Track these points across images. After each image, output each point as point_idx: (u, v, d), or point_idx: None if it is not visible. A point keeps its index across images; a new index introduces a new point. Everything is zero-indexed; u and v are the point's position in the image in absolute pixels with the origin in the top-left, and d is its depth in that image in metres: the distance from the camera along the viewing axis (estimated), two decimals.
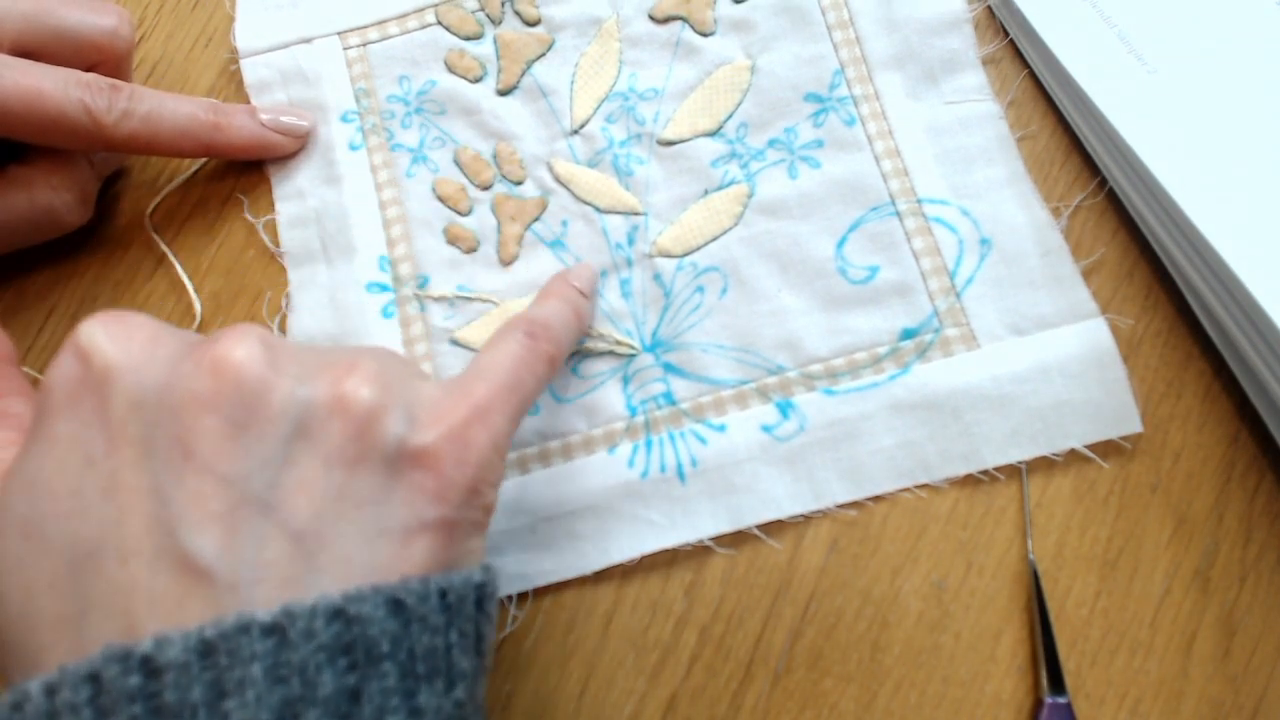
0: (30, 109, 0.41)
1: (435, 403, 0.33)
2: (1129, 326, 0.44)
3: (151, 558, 0.28)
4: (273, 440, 0.30)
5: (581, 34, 0.51)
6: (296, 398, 0.31)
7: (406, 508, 0.31)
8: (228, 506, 0.29)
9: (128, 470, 0.29)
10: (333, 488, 0.30)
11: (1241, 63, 0.45)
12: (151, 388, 0.30)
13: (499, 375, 0.36)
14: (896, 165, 0.47)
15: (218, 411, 0.29)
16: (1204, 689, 0.40)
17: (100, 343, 0.30)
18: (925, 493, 0.43)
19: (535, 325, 0.39)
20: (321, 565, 0.29)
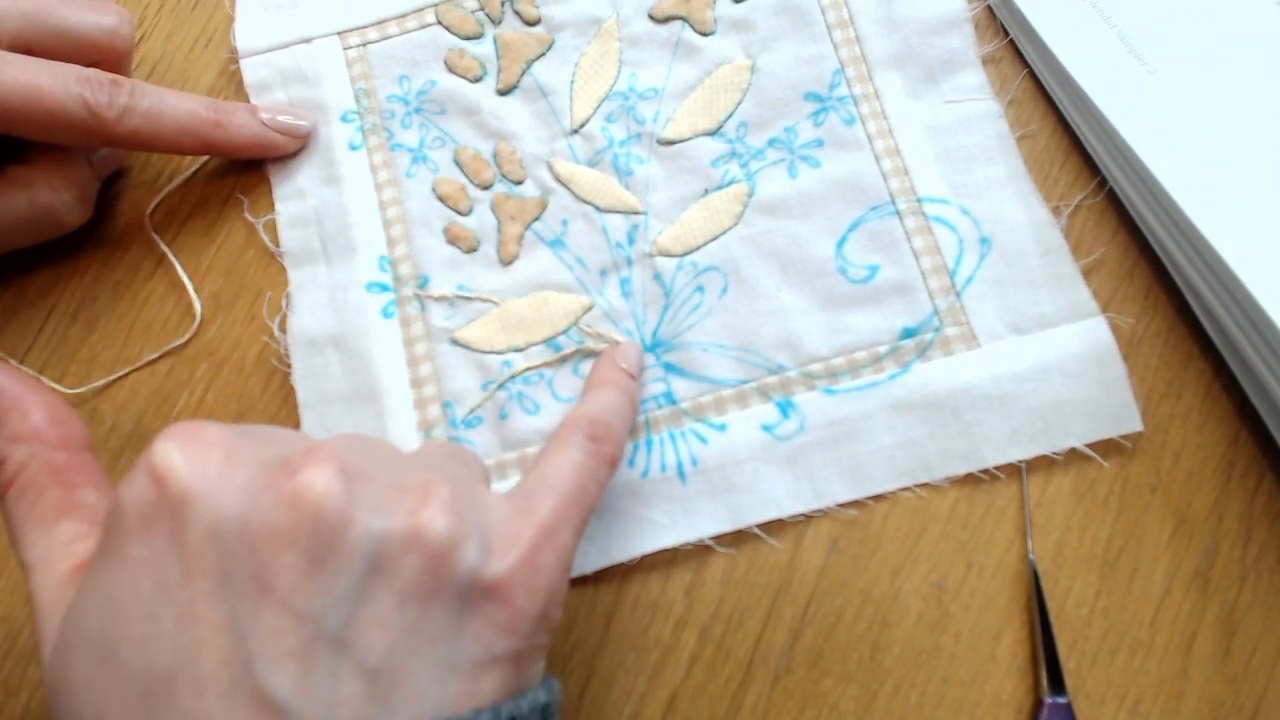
0: (30, 104, 0.41)
1: (505, 524, 0.33)
2: (1129, 326, 0.44)
3: (227, 691, 0.28)
4: (349, 576, 0.29)
5: (581, 34, 0.51)
6: (373, 532, 0.30)
7: (478, 643, 0.31)
8: (304, 643, 0.28)
9: (204, 601, 0.28)
10: (407, 624, 0.30)
11: (1241, 63, 0.45)
12: (230, 518, 0.29)
13: (564, 487, 0.35)
14: (896, 164, 0.47)
15: (296, 546, 0.29)
16: (1204, 689, 0.40)
17: (176, 465, 0.30)
18: (925, 492, 0.43)
19: (597, 427, 0.38)
20: (394, 704, 0.29)
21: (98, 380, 0.47)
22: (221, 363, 0.47)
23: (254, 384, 0.47)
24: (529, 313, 0.46)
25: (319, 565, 0.29)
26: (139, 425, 0.46)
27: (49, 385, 0.47)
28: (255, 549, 0.29)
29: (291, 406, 0.46)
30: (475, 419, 0.45)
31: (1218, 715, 0.40)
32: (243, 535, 0.29)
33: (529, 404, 0.45)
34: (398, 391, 0.46)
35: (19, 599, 0.44)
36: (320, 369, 0.46)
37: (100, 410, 0.47)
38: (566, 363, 0.46)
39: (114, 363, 0.47)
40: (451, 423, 0.45)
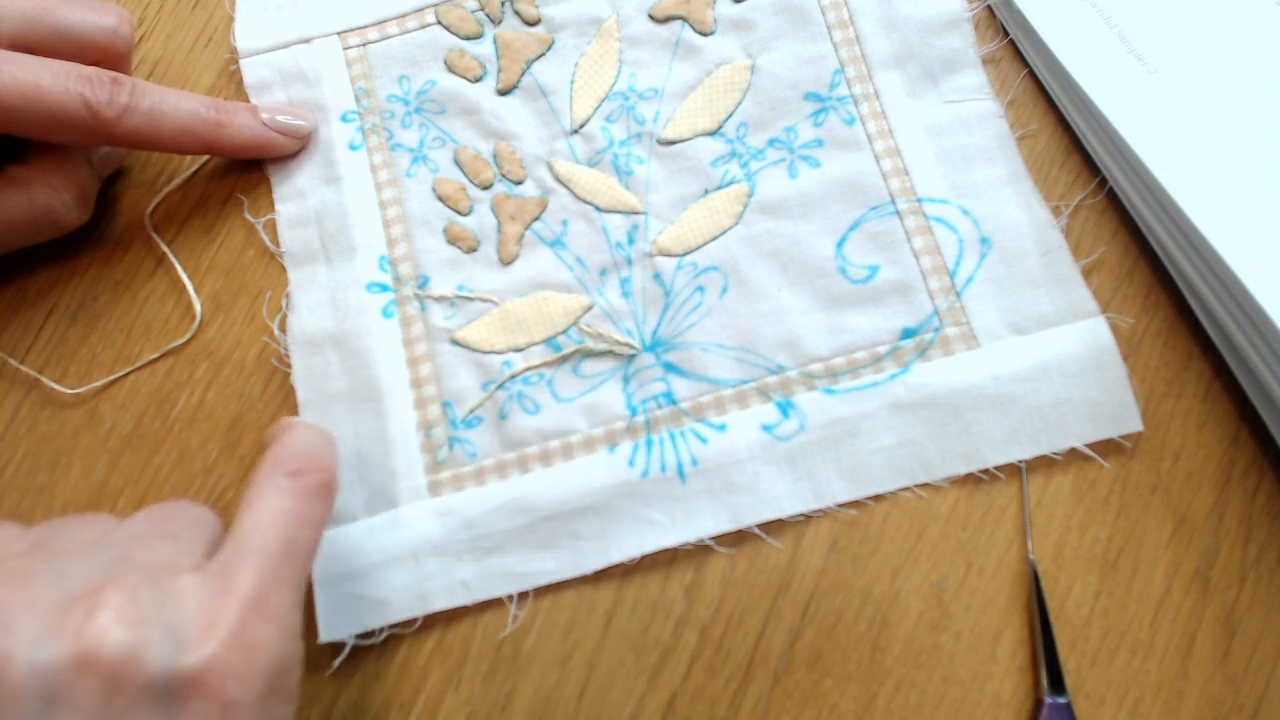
0: (30, 103, 0.41)
1: (202, 610, 0.30)
2: (1129, 326, 0.44)
3: None
4: (26, 718, 0.27)
5: (581, 33, 0.51)
6: (37, 666, 0.27)
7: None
8: None
9: None
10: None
11: (1241, 63, 0.45)
12: None
13: (267, 545, 0.32)
14: (896, 164, 0.47)
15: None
16: (1204, 689, 0.40)
17: None
18: (925, 492, 0.43)
19: (297, 460, 0.35)
20: None
21: (98, 380, 0.47)
22: (221, 363, 0.47)
23: (254, 384, 0.47)
24: (529, 312, 0.46)
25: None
26: (139, 425, 0.46)
27: (49, 385, 0.47)
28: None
29: (291, 406, 0.46)
30: (475, 419, 0.45)
31: (1218, 715, 0.40)
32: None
33: (529, 404, 0.45)
34: (398, 391, 0.46)
35: None
36: (320, 369, 0.46)
37: (100, 410, 0.47)
38: (566, 363, 0.46)
39: (114, 363, 0.47)
40: (451, 423, 0.45)
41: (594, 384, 0.45)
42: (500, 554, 0.43)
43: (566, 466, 0.44)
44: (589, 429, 0.44)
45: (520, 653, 0.42)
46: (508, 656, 0.42)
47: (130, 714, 0.27)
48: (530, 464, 0.44)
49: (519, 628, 0.42)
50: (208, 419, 0.46)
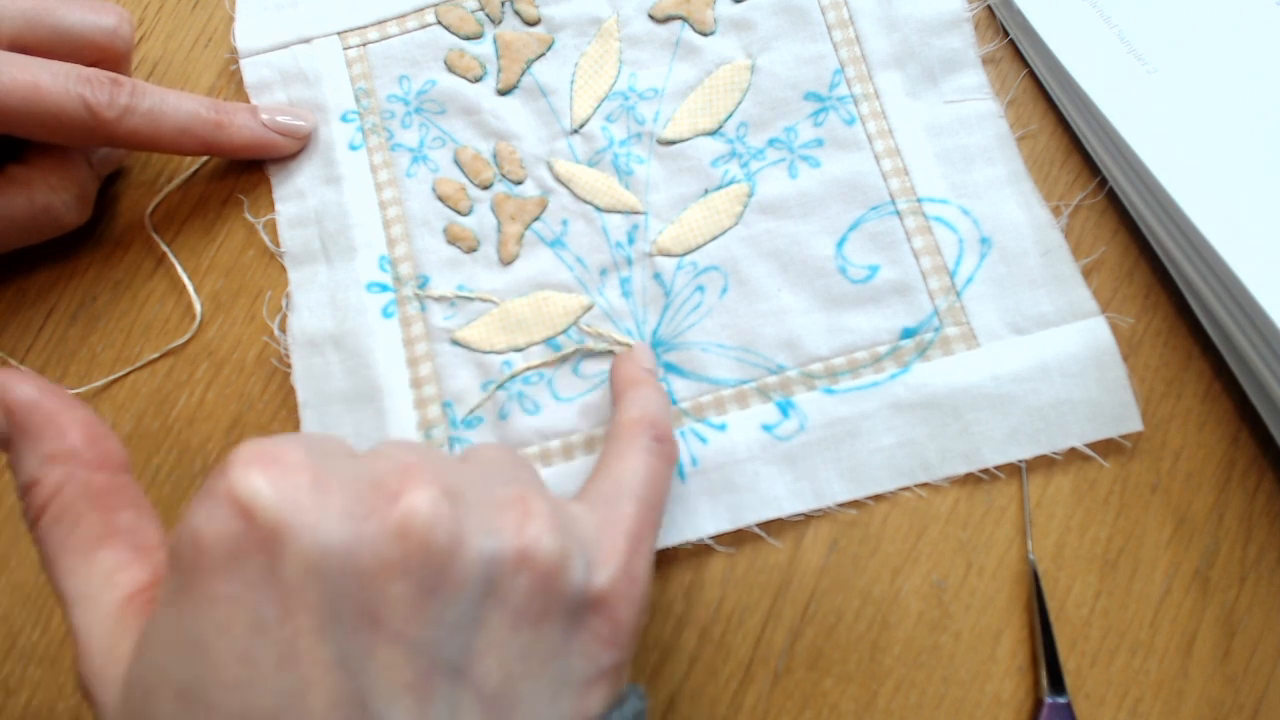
0: (30, 104, 0.41)
1: (598, 535, 0.33)
2: (1129, 326, 0.44)
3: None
4: (463, 603, 0.28)
5: (581, 33, 0.51)
6: (485, 555, 0.29)
7: (586, 659, 0.31)
8: (420, 675, 0.27)
9: (308, 638, 0.26)
10: (521, 646, 0.29)
11: (1241, 63, 0.45)
12: (332, 549, 0.27)
13: (642, 492, 0.35)
14: (896, 164, 0.47)
15: (407, 577, 0.27)
16: (1204, 689, 0.40)
17: (263, 493, 0.27)
18: (925, 492, 0.43)
19: (658, 429, 0.38)
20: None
21: (98, 380, 0.47)
22: (221, 363, 0.47)
23: (254, 384, 0.47)
24: (529, 312, 0.46)
25: (432, 594, 0.28)
26: (139, 425, 0.46)
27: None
28: (363, 582, 0.27)
29: (291, 406, 0.46)
30: (475, 419, 0.45)
31: (1218, 715, 0.40)
32: (347, 568, 0.27)
33: (529, 404, 0.45)
34: (398, 391, 0.45)
35: (19, 598, 0.44)
36: (320, 369, 0.46)
37: (100, 410, 0.47)
38: (566, 363, 0.46)
39: (114, 363, 0.47)
40: (451, 423, 0.45)
41: (594, 384, 0.45)
42: None
43: (567, 466, 0.44)
44: (589, 429, 0.44)
45: None
46: None
47: (546, 620, 0.30)
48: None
49: None
50: (208, 419, 0.46)
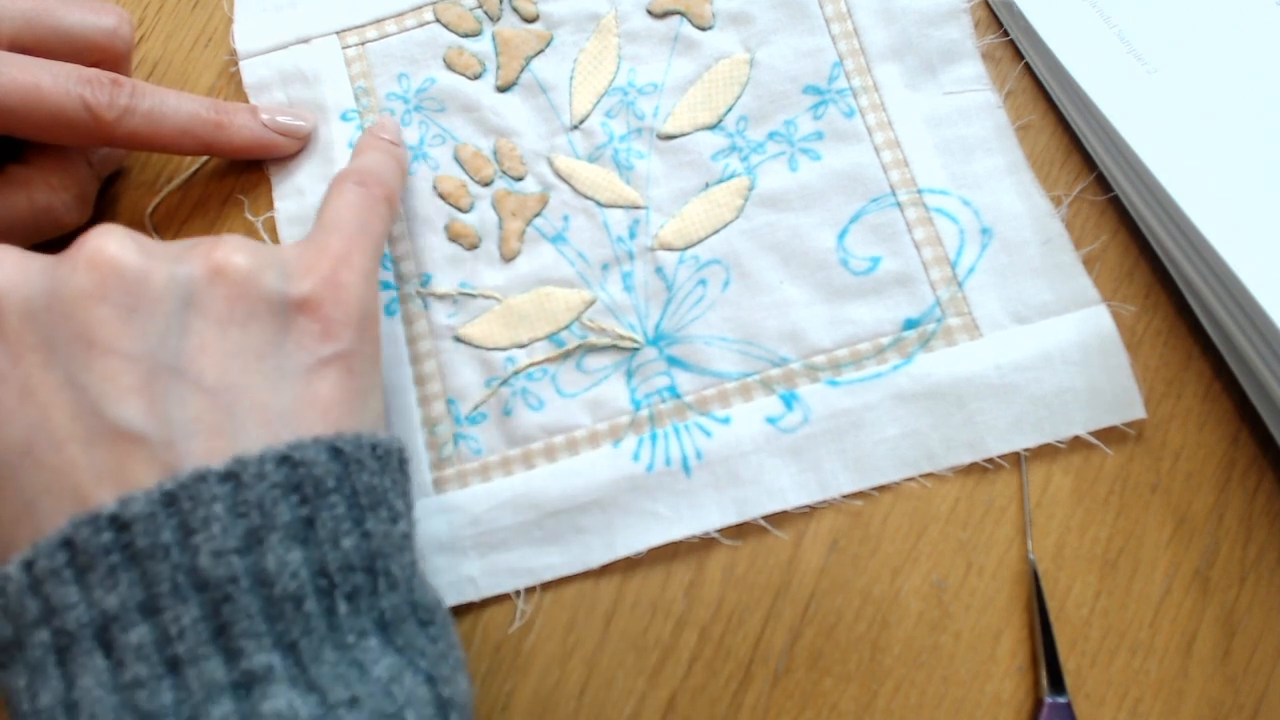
0: (30, 104, 0.41)
1: (300, 258, 0.36)
2: (1129, 326, 0.44)
3: (84, 438, 0.30)
4: (165, 315, 0.32)
5: (580, 29, 0.51)
6: (176, 275, 0.33)
7: (302, 351, 0.34)
8: (142, 379, 0.31)
9: (37, 372, 0.31)
10: (231, 345, 0.33)
11: (1241, 63, 0.45)
12: (37, 296, 0.31)
13: (345, 221, 0.39)
14: (896, 156, 0.47)
15: (107, 300, 0.31)
16: (1204, 689, 0.40)
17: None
18: (928, 486, 0.43)
19: (362, 174, 0.42)
20: (241, 413, 0.32)
21: None
22: None
23: None
24: (531, 308, 0.46)
25: (133, 311, 0.32)
26: None
27: None
28: (68, 313, 0.31)
29: None
30: (479, 415, 0.45)
31: (1218, 715, 0.40)
32: (52, 305, 0.31)
33: (533, 400, 0.45)
34: (401, 389, 0.46)
35: None
36: None
37: None
38: (570, 358, 0.46)
39: None
40: (455, 420, 0.45)
41: (597, 379, 0.45)
42: (506, 550, 0.43)
43: (571, 462, 0.44)
44: (593, 424, 0.44)
45: (520, 652, 0.42)
46: (507, 655, 0.42)
47: (252, 322, 0.33)
48: (535, 460, 0.44)
49: (519, 627, 0.42)
50: None
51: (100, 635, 0.29)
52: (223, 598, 0.29)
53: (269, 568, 0.30)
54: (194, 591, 0.29)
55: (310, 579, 0.30)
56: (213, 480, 0.30)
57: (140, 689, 0.28)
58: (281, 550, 0.30)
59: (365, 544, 0.32)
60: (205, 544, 0.29)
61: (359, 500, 0.32)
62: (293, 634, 0.30)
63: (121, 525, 0.29)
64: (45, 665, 0.29)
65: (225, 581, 0.29)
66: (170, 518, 0.29)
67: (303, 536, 0.31)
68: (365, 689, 0.30)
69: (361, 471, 0.33)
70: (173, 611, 0.29)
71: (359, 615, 0.32)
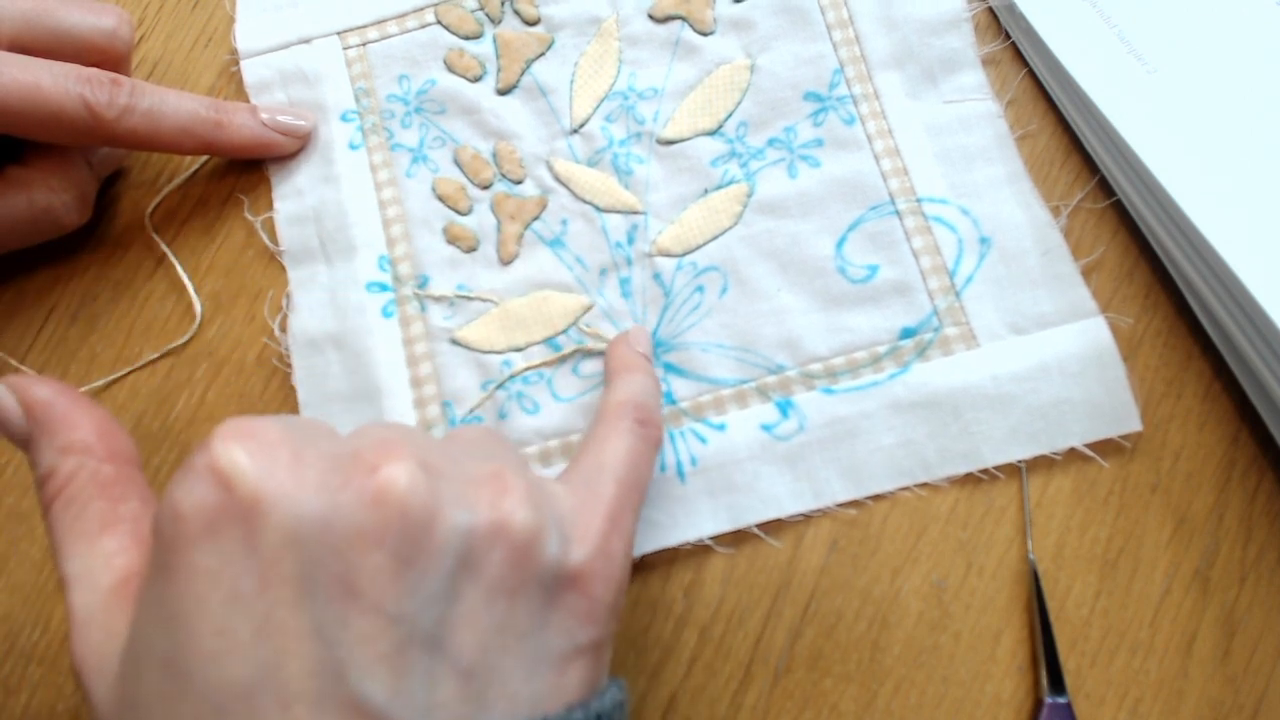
0: (30, 104, 0.41)
1: (576, 514, 0.33)
2: (1129, 326, 0.44)
3: (316, 701, 0.26)
4: (439, 575, 0.28)
5: (581, 33, 0.51)
6: (460, 528, 0.29)
7: (563, 635, 0.31)
8: (396, 647, 0.27)
9: (285, 609, 0.27)
10: (496, 620, 0.29)
11: (1241, 63, 0.45)
12: (309, 520, 0.27)
13: (622, 473, 0.36)
14: (896, 164, 0.47)
15: (383, 548, 0.27)
16: (1204, 689, 0.40)
17: (242, 465, 0.27)
18: (925, 492, 0.43)
19: (643, 412, 0.38)
20: (489, 701, 0.29)
21: (98, 380, 0.47)
22: (221, 363, 0.47)
23: (254, 384, 0.47)
24: (528, 312, 0.46)
25: (408, 565, 0.28)
26: (139, 425, 0.46)
27: None
28: (339, 552, 0.27)
29: (292, 406, 0.46)
30: (474, 419, 0.45)
31: (1218, 715, 0.40)
32: (324, 538, 0.27)
33: (528, 403, 0.45)
34: (397, 391, 0.46)
35: (19, 599, 0.44)
36: (320, 369, 0.46)
37: None
38: (566, 362, 0.46)
39: (114, 363, 0.47)
40: (451, 422, 0.45)
41: (593, 384, 0.45)
42: None
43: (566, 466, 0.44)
44: (588, 429, 0.44)
45: None
46: None
47: (521, 594, 0.30)
48: (530, 464, 0.44)
49: None
50: (208, 419, 0.46)
51: None
52: None
53: None
54: None
55: None
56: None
57: None
58: None
59: None
60: None
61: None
62: None
63: None
64: None
65: None
66: None
67: None
68: None
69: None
70: None
71: None
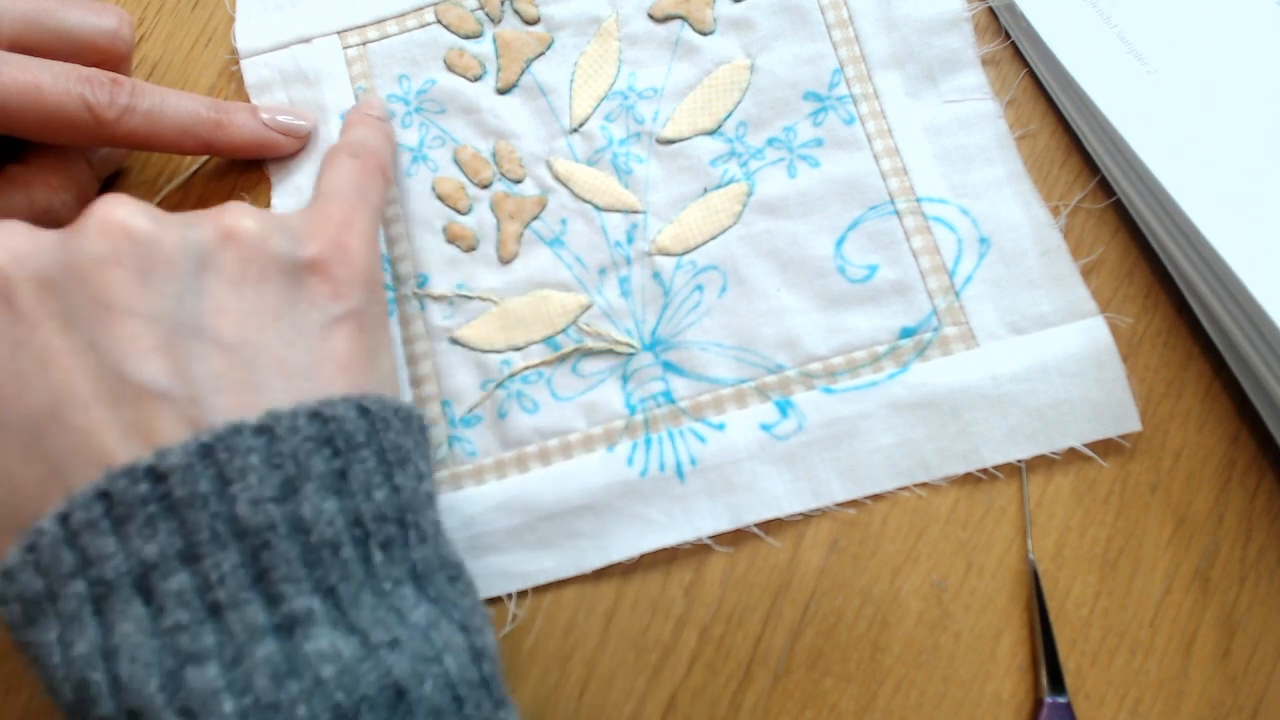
0: (30, 104, 0.41)
1: (305, 224, 0.37)
2: (1129, 326, 0.44)
3: (109, 399, 0.30)
4: (180, 276, 0.33)
5: (581, 33, 0.51)
6: (188, 238, 0.33)
7: (315, 309, 0.35)
8: (161, 338, 0.31)
9: (56, 339, 0.31)
10: (247, 304, 0.34)
11: (1241, 63, 0.45)
12: (51, 265, 0.32)
13: (346, 192, 0.40)
14: (895, 164, 0.47)
15: (121, 264, 0.32)
16: (1204, 689, 0.40)
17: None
18: (925, 492, 0.43)
19: (354, 146, 0.43)
20: (262, 369, 0.33)
21: None
22: None
23: None
24: (528, 311, 0.46)
25: (148, 273, 0.32)
26: None
27: None
28: (83, 279, 0.31)
29: None
30: (474, 418, 0.45)
31: (1218, 715, 0.40)
32: (67, 273, 0.32)
33: (528, 403, 0.45)
34: None
35: None
36: None
37: None
38: (565, 361, 0.46)
39: None
40: (450, 421, 0.45)
41: (593, 383, 0.45)
42: (499, 553, 0.43)
43: (565, 465, 0.44)
44: (588, 428, 0.44)
45: (520, 652, 0.42)
46: (507, 655, 0.42)
47: (265, 282, 0.34)
48: (529, 463, 0.44)
49: (519, 627, 0.42)
50: None
51: (140, 583, 0.29)
52: (261, 544, 0.30)
53: (306, 515, 0.30)
54: (233, 539, 0.29)
55: (346, 527, 0.31)
56: (247, 433, 0.30)
57: (182, 633, 0.29)
58: (317, 499, 0.31)
59: (395, 497, 0.33)
60: (243, 493, 0.30)
61: (387, 456, 0.33)
62: (331, 579, 0.30)
63: (158, 476, 0.29)
64: (81, 615, 0.29)
65: (264, 529, 0.30)
66: (207, 469, 0.30)
67: (336, 488, 0.31)
68: (404, 632, 0.31)
69: (388, 430, 0.33)
70: (212, 559, 0.29)
71: (393, 565, 0.32)
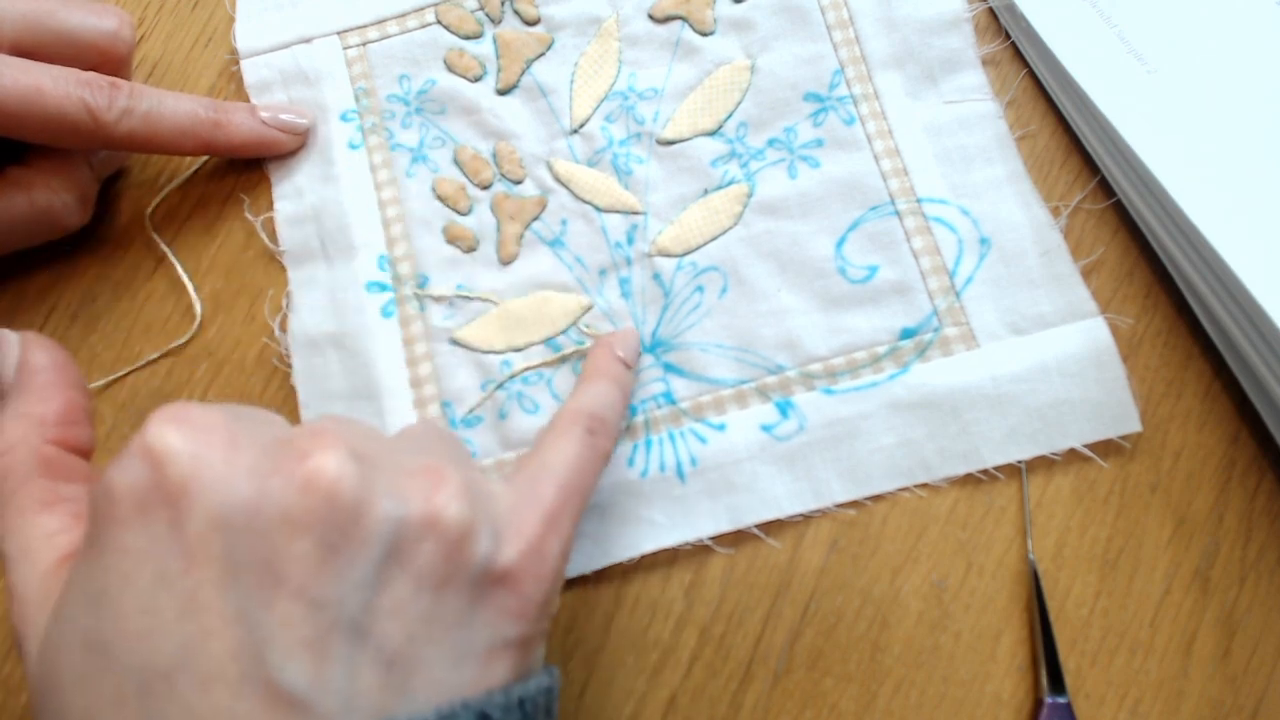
0: (30, 107, 0.41)
1: (512, 512, 0.33)
2: (1129, 326, 0.44)
3: (236, 683, 0.26)
4: (366, 563, 0.28)
5: (581, 33, 0.51)
6: (390, 517, 0.29)
7: (490, 629, 0.31)
8: (319, 633, 0.27)
9: (209, 590, 0.27)
10: (422, 610, 0.29)
11: (1241, 63, 0.45)
12: (237, 504, 0.27)
13: (565, 475, 0.35)
14: (896, 165, 0.47)
15: (310, 534, 0.27)
16: (1204, 689, 0.40)
17: (175, 447, 0.28)
18: (925, 493, 0.43)
19: (594, 421, 0.38)
20: (411, 692, 0.29)
21: (98, 380, 0.47)
22: (221, 363, 0.47)
23: (254, 384, 0.47)
24: (528, 312, 0.46)
25: (335, 552, 0.28)
26: (139, 425, 0.46)
27: None
28: (266, 536, 0.27)
29: (292, 406, 0.46)
30: (474, 419, 0.45)
31: (1218, 715, 0.40)
32: (252, 522, 0.27)
33: (528, 404, 0.45)
34: (397, 391, 0.46)
35: None
36: (320, 369, 0.46)
37: (100, 410, 0.47)
38: (565, 362, 0.46)
39: (114, 363, 0.47)
40: (451, 422, 0.45)
41: None
42: None
43: None
44: None
45: None
46: None
47: (449, 587, 0.30)
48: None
49: None
50: None
51: None
52: None
53: None
54: None
55: None
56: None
57: None
58: None
59: None
60: None
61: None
62: None
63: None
64: None
65: None
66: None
67: None
68: None
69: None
70: None
71: None
